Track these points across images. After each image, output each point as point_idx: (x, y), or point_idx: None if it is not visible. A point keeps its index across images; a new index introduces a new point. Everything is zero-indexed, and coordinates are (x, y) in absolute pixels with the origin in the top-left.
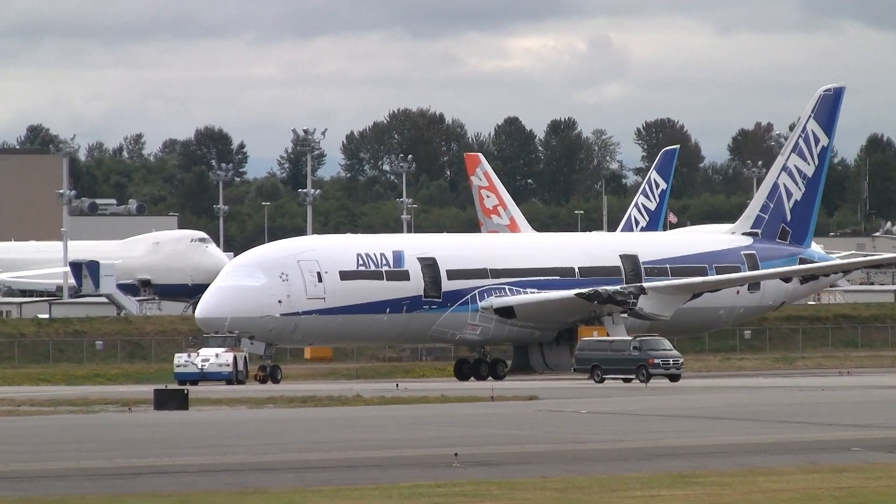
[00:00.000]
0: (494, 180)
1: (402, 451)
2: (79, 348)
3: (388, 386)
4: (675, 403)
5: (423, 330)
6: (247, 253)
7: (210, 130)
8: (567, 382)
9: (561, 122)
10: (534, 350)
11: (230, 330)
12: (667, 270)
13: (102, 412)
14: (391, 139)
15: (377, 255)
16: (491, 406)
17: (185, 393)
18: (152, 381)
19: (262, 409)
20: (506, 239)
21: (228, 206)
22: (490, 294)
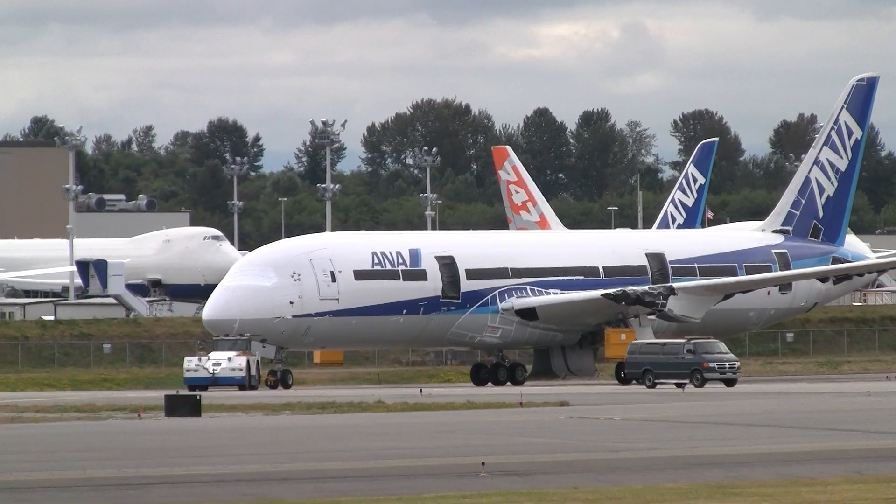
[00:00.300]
0: (523, 175)
1: (427, 461)
2: (86, 352)
3: (411, 391)
4: (714, 410)
5: (440, 332)
6: (257, 251)
7: (224, 122)
8: (599, 388)
9: (593, 114)
10: (556, 354)
11: (240, 332)
12: (695, 270)
13: (110, 419)
14: (414, 131)
15: (393, 254)
16: (520, 412)
17: (197, 399)
18: (163, 387)
19: (279, 415)
20: (527, 237)
21: (243, 202)
22: (511, 295)
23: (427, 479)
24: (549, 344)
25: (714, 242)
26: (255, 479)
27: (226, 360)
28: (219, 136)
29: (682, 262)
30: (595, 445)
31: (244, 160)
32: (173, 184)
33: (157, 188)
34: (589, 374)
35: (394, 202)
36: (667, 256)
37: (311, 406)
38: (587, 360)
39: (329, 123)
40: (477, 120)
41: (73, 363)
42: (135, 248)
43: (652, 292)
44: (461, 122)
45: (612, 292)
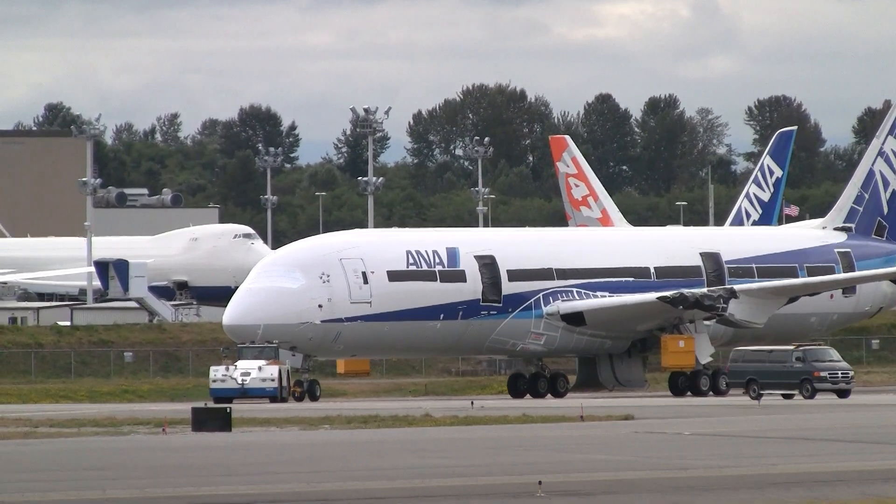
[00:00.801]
0: (584, 167)
1: (479, 480)
2: (105, 361)
3: (461, 404)
4: (793, 424)
5: (480, 339)
6: (282, 250)
7: (256, 109)
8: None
9: (660, 100)
10: (603, 363)
11: (264, 339)
12: (752, 271)
13: (132, 434)
14: (465, 119)
15: (429, 253)
16: (580, 427)
17: (227, 412)
18: (189, 399)
19: (317, 430)
20: (573, 234)
21: (277, 197)
22: (556, 298)
23: (479, 499)
24: (597, 352)
25: (772, 241)
26: (291, 501)
27: (256, 369)
28: (251, 124)
29: (739, 262)
30: (662, 463)
31: (278, 151)
32: (201, 177)
33: (183, 182)
34: (639, 386)
35: (442, 197)
36: (722, 256)
37: (352, 420)
38: (637, 370)
39: (371, 111)
40: (533, 107)
41: (92, 373)
42: (159, 247)
43: (711, 295)
44: (516, 110)
45: (669, 295)
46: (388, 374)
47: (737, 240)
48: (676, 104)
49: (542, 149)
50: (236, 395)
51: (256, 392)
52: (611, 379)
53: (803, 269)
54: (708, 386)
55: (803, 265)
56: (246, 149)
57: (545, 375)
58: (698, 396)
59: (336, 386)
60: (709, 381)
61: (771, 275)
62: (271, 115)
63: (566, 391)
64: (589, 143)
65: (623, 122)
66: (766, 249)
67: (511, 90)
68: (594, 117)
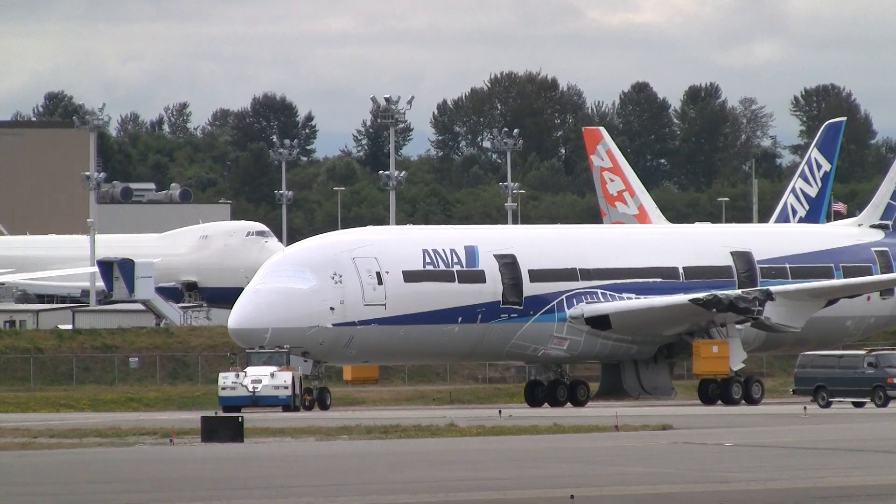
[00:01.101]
0: (619, 160)
1: (507, 493)
2: (109, 367)
3: (488, 412)
4: (841, 434)
5: (499, 344)
6: (291, 248)
7: (270, 99)
8: (705, 409)
9: (701, 89)
10: (628, 369)
11: (273, 343)
12: (786, 271)
13: (138, 445)
14: (493, 110)
15: (447, 252)
16: (615, 437)
17: (239, 421)
18: (199, 407)
19: (335, 441)
20: (597, 232)
21: (293, 192)
22: (580, 300)
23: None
24: (622, 358)
25: (806, 239)
26: None
27: (268, 376)
28: (264, 115)
29: (772, 261)
30: (702, 475)
31: (294, 143)
32: (211, 171)
33: (193, 176)
34: (666, 394)
35: (469, 192)
36: (754, 255)
37: (372, 430)
38: (663, 377)
39: (393, 100)
40: (565, 96)
41: (95, 380)
42: (166, 245)
43: (746, 297)
44: (547, 99)
45: (702, 297)
46: (411, 380)
47: (769, 238)
48: (718, 93)
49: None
50: (247, 403)
51: (269, 400)
52: (636, 387)
53: (839, 270)
54: (740, 394)
55: (839, 265)
56: (259, 141)
57: (564, 383)
58: (730, 405)
59: (354, 394)
60: (741, 389)
61: (805, 275)
62: (286, 105)
63: (587, 399)
64: (625, 135)
65: (661, 113)
66: (800, 248)
67: (542, 78)
68: (630, 107)
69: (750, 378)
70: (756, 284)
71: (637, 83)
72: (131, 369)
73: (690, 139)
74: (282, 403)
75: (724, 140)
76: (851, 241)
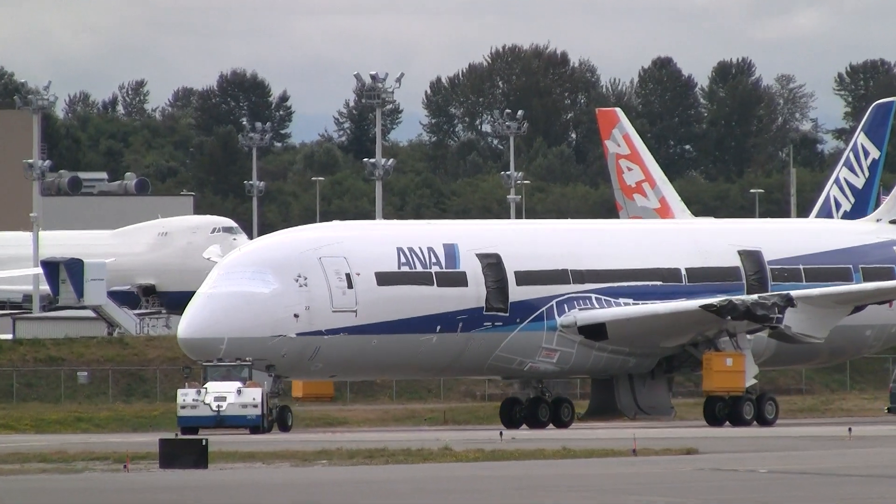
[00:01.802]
0: (638, 146)
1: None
2: (55, 382)
3: (488, 434)
4: (885, 459)
5: (482, 357)
6: (248, 247)
7: (240, 76)
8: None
9: (732, 66)
10: (622, 386)
11: (229, 355)
12: (799, 273)
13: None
14: (494, 89)
15: (424, 251)
16: (632, 463)
17: (203, 445)
18: (157, 428)
19: (312, 466)
20: (593, 228)
21: (265, 183)
22: (571, 305)
23: None
24: (616, 372)
25: (821, 237)
26: None
27: (233, 392)
28: (233, 94)
29: (784, 262)
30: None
31: (266, 127)
32: (172, 158)
33: (151, 164)
34: (665, 413)
35: (466, 183)
36: (764, 255)
37: (355, 454)
38: (662, 394)
39: (380, 77)
40: (577, 74)
41: (38, 397)
42: (120, 243)
43: (765, 303)
44: (556, 77)
45: (716, 303)
46: (399, 398)
47: (780, 235)
48: (751, 70)
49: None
50: (211, 424)
51: (235, 421)
52: (632, 405)
53: (858, 271)
54: (752, 414)
55: (858, 266)
56: (227, 124)
57: (546, 401)
58: (740, 426)
59: (335, 413)
60: (753, 409)
61: (821, 278)
62: (258, 83)
63: (571, 420)
64: (644, 118)
65: (686, 93)
66: (815, 247)
67: (550, 53)
68: (651, 86)
69: (762, 396)
70: (766, 288)
71: (658, 58)
72: (80, 385)
73: (719, 122)
74: (250, 424)
75: (757, 123)
76: (871, 238)
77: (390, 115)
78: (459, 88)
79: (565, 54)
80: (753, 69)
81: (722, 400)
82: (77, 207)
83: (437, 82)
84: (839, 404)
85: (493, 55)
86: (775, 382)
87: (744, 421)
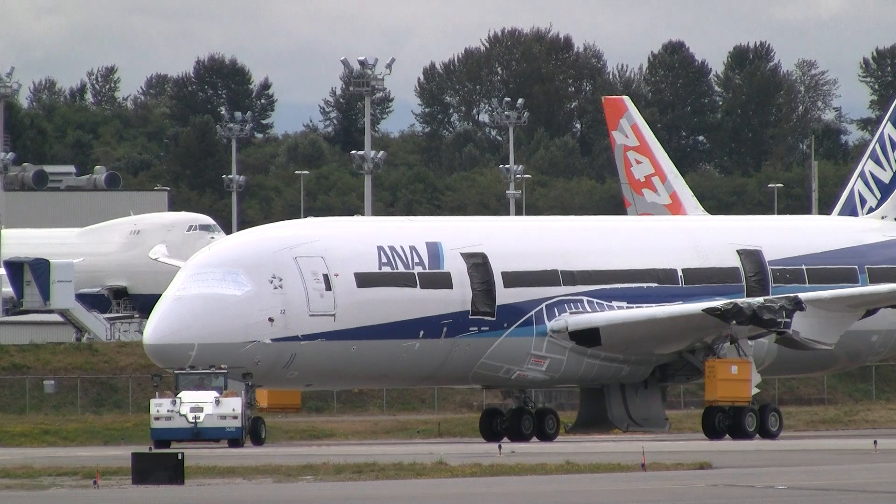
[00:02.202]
0: (647, 137)
1: None
2: (19, 391)
3: (485, 448)
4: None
5: (467, 364)
6: (217, 245)
7: (218, 62)
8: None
9: (748, 50)
10: (614, 395)
11: (205, 363)
12: (802, 274)
13: (54, 487)
14: (492, 75)
15: (405, 250)
16: (642, 478)
17: (178, 459)
18: (130, 442)
19: (297, 482)
20: (585, 225)
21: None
22: (562, 309)
23: None
24: (609, 381)
25: (825, 235)
26: None
27: (211, 402)
28: (210, 81)
29: (785, 262)
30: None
31: (247, 116)
32: (145, 150)
33: (122, 157)
34: (659, 426)
35: (462, 177)
36: (764, 255)
37: (343, 468)
38: (656, 405)
39: (369, 63)
40: (582, 59)
41: (1, 407)
42: (90, 242)
43: (772, 307)
44: (559, 63)
45: (720, 306)
46: (390, 408)
47: (781, 233)
48: (770, 55)
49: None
50: (187, 436)
51: (213, 433)
52: (624, 417)
53: (864, 272)
54: (755, 426)
55: (864, 266)
56: (204, 114)
57: (530, 412)
58: (741, 439)
59: (322, 425)
60: (756, 420)
61: (825, 279)
62: (237, 70)
63: (556, 433)
64: (654, 107)
65: (699, 79)
66: (818, 246)
67: (552, 37)
68: (661, 73)
69: (766, 406)
70: (767, 290)
71: (669, 42)
72: (46, 395)
73: (735, 112)
74: (230, 437)
75: (776, 113)
76: (875, 237)
77: (380, 104)
78: (455, 75)
79: (569, 38)
80: (772, 54)
81: (722, 411)
82: (43, 203)
83: (431, 68)
84: (864, 415)
85: (492, 39)
86: (795, 392)
87: (746, 433)
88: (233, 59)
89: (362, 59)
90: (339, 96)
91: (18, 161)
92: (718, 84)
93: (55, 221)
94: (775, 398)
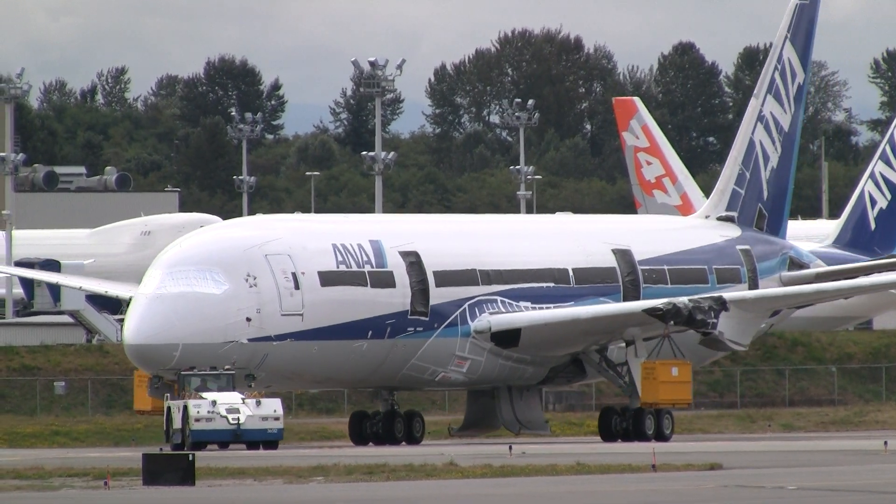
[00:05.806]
0: (658, 138)
1: None
2: (30, 393)
3: (495, 449)
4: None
5: (399, 366)
6: (187, 242)
7: (229, 63)
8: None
9: (759, 51)
10: (503, 398)
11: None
12: (664, 274)
13: (65, 489)
14: (502, 76)
15: (355, 248)
16: (652, 479)
17: (189, 460)
18: (141, 443)
19: (307, 483)
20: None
21: (256, 178)
22: (482, 309)
23: None
24: (512, 382)
25: (678, 235)
26: None
27: (251, 404)
28: (221, 82)
29: (652, 262)
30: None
31: (257, 117)
32: (155, 151)
33: (132, 157)
34: (541, 428)
35: (472, 178)
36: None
37: (353, 470)
38: (536, 408)
39: (380, 64)
40: (592, 60)
41: (12, 409)
42: (100, 243)
43: (702, 307)
44: (569, 64)
45: (661, 306)
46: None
47: (645, 234)
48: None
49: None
50: (228, 438)
51: (256, 435)
52: (513, 420)
53: (713, 272)
54: (653, 429)
55: (713, 267)
56: (215, 114)
57: (400, 415)
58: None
59: (330, 426)
60: (654, 423)
61: (682, 279)
62: (248, 71)
63: (423, 436)
64: (665, 108)
65: (710, 80)
66: (674, 246)
67: (563, 38)
68: (672, 73)
69: (660, 410)
70: (639, 289)
71: (680, 43)
72: (57, 396)
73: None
74: (271, 439)
75: None
76: (716, 238)
77: (391, 105)
78: (465, 76)
79: (579, 39)
80: None
81: (618, 414)
82: (53, 204)
83: (442, 69)
84: (874, 416)
85: (502, 40)
86: (806, 393)
87: (644, 436)
88: (243, 60)
89: (373, 60)
90: (350, 97)
91: (29, 162)
92: (728, 85)
93: (65, 222)
94: (786, 399)
